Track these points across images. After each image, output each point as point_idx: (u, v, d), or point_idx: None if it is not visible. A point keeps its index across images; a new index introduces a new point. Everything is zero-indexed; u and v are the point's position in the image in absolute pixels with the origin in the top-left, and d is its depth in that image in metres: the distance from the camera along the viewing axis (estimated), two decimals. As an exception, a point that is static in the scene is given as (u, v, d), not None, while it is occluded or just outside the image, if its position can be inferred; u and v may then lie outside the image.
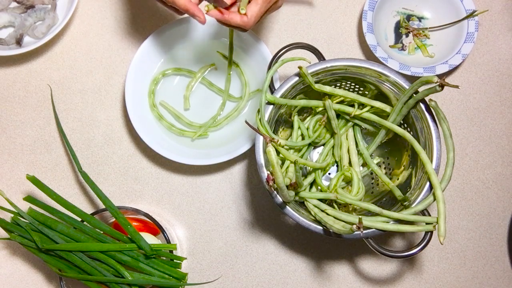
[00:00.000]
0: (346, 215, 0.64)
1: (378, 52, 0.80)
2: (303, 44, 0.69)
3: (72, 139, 0.83)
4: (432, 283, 0.78)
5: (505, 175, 0.81)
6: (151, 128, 0.79)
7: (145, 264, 0.69)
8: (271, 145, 0.58)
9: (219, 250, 0.79)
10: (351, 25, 0.86)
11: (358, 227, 0.58)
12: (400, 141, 0.75)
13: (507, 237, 0.79)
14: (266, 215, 0.80)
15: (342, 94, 0.70)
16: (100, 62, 0.86)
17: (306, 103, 0.70)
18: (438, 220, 0.62)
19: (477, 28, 0.80)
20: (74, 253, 0.68)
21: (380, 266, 0.79)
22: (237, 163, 0.82)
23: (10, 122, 0.84)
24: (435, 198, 0.63)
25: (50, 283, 0.79)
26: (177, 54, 0.83)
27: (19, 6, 0.87)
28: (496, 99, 0.83)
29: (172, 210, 0.81)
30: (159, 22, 0.87)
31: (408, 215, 0.63)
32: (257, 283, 0.79)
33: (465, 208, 0.80)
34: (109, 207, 0.71)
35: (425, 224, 0.63)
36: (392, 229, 0.63)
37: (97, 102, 0.84)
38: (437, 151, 0.65)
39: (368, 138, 0.78)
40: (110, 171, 0.82)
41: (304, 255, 0.79)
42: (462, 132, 0.82)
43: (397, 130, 0.69)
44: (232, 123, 0.82)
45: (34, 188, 0.72)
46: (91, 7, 0.87)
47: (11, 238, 0.70)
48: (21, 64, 0.86)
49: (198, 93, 0.83)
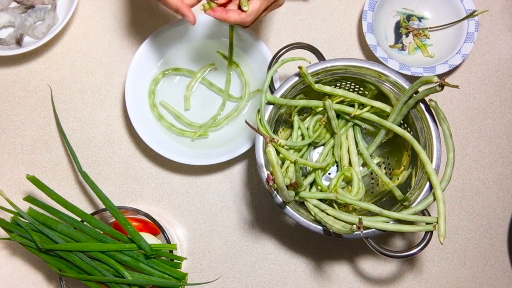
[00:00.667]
0: (346, 215, 0.64)
1: (378, 52, 0.80)
2: (303, 44, 0.69)
3: (72, 139, 0.83)
4: (432, 283, 0.78)
5: (505, 175, 0.81)
6: (151, 128, 0.79)
7: (145, 264, 0.69)
8: (271, 145, 0.58)
9: (219, 250, 0.79)
10: (351, 25, 0.86)
11: (358, 227, 0.58)
12: (400, 141, 0.75)
13: (507, 237, 0.79)
14: (266, 215, 0.80)
15: (342, 94, 0.70)
16: (100, 62, 0.86)
17: (306, 103, 0.70)
18: (438, 220, 0.62)
19: (477, 28, 0.80)
20: (74, 253, 0.68)
21: (380, 266, 0.79)
22: (237, 163, 0.82)
23: (10, 122, 0.84)
24: (435, 198, 0.63)
25: (50, 283, 0.79)
26: (177, 54, 0.83)
27: (19, 6, 0.87)
28: (496, 99, 0.83)
29: (172, 210, 0.81)
30: (159, 22, 0.87)
31: (408, 215, 0.63)
32: (257, 283, 0.79)
33: (465, 208, 0.80)
34: (109, 207, 0.71)
35: (425, 224, 0.63)
36: (392, 229, 0.63)
37: (97, 102, 0.84)
38: (437, 151, 0.65)
39: (368, 138, 0.78)
40: (110, 171, 0.82)
41: (304, 255, 0.79)
42: (462, 132, 0.82)
43: (397, 130, 0.69)
44: (232, 123, 0.82)
45: (34, 188, 0.72)
46: (91, 7, 0.87)
47: (11, 238, 0.70)
48: (21, 64, 0.86)
49: (198, 93, 0.83)
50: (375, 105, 0.71)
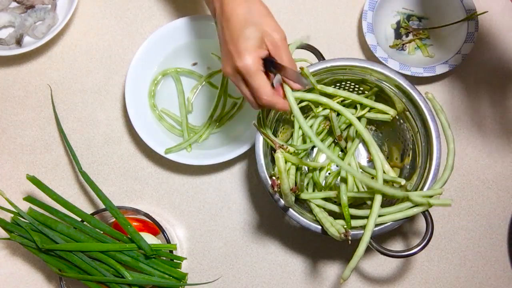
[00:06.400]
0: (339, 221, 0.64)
1: (378, 52, 0.80)
2: (303, 44, 0.69)
3: (72, 139, 0.83)
4: (432, 283, 0.78)
5: (505, 175, 0.81)
6: (151, 128, 0.79)
7: (145, 264, 0.69)
8: (279, 151, 0.57)
9: (219, 250, 0.79)
10: (351, 25, 0.86)
11: (345, 235, 0.59)
12: (399, 139, 0.75)
13: (507, 237, 0.79)
14: (266, 215, 0.80)
15: (345, 96, 0.70)
16: (100, 62, 0.86)
17: (315, 97, 0.68)
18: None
19: (477, 28, 0.80)
20: (74, 253, 0.68)
21: (380, 266, 0.79)
22: (237, 163, 0.82)
23: (10, 122, 0.84)
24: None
25: (50, 283, 0.79)
26: (177, 54, 0.83)
27: (19, 6, 0.87)
28: (496, 99, 0.83)
29: (172, 210, 0.81)
30: (159, 22, 0.87)
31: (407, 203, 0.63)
32: (257, 283, 0.79)
33: (465, 208, 0.80)
34: (109, 207, 0.71)
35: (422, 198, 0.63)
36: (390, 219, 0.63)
37: (97, 102, 0.84)
38: (437, 151, 0.65)
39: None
40: (110, 171, 0.82)
41: (304, 255, 0.79)
42: (462, 132, 0.82)
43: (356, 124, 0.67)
44: (232, 123, 0.82)
45: (34, 188, 0.72)
46: (91, 7, 0.87)
47: (11, 238, 0.70)
48: (21, 64, 0.86)
49: (198, 94, 0.83)
50: (378, 107, 0.71)
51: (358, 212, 0.65)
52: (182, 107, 0.81)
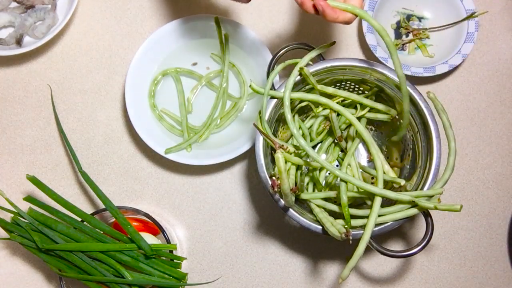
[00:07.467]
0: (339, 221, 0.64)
1: (378, 52, 0.80)
2: (303, 44, 0.69)
3: (72, 139, 0.83)
4: (432, 283, 0.78)
5: (505, 175, 0.81)
6: (151, 128, 0.79)
7: (145, 264, 0.69)
8: (279, 152, 0.57)
9: (219, 250, 0.79)
10: (351, 25, 0.86)
11: (346, 235, 0.59)
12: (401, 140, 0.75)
13: (507, 237, 0.79)
14: (266, 215, 0.80)
15: (345, 96, 0.70)
16: (100, 62, 0.86)
17: (315, 98, 0.68)
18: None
19: (477, 28, 0.80)
20: (74, 253, 0.68)
21: (380, 266, 0.79)
22: (237, 163, 0.82)
23: (10, 122, 0.84)
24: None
25: (50, 283, 0.79)
26: (177, 54, 0.83)
27: (19, 6, 0.87)
28: (496, 99, 0.83)
29: (172, 210, 0.81)
30: (159, 22, 0.87)
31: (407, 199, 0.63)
32: (257, 283, 0.79)
33: (465, 208, 0.80)
34: (109, 207, 0.71)
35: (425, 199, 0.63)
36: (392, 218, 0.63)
37: (97, 102, 0.84)
38: (437, 151, 0.65)
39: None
40: (110, 171, 0.82)
41: (304, 255, 0.79)
42: (462, 132, 0.82)
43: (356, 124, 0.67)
44: (232, 123, 0.82)
45: (34, 188, 0.72)
46: (91, 7, 0.87)
47: (11, 238, 0.70)
48: (21, 64, 0.86)
49: (198, 94, 0.83)
50: (378, 107, 0.71)
51: (358, 212, 0.65)
52: (182, 107, 0.81)
